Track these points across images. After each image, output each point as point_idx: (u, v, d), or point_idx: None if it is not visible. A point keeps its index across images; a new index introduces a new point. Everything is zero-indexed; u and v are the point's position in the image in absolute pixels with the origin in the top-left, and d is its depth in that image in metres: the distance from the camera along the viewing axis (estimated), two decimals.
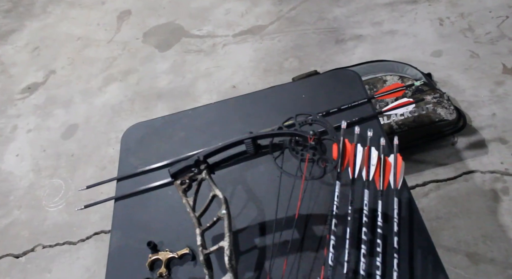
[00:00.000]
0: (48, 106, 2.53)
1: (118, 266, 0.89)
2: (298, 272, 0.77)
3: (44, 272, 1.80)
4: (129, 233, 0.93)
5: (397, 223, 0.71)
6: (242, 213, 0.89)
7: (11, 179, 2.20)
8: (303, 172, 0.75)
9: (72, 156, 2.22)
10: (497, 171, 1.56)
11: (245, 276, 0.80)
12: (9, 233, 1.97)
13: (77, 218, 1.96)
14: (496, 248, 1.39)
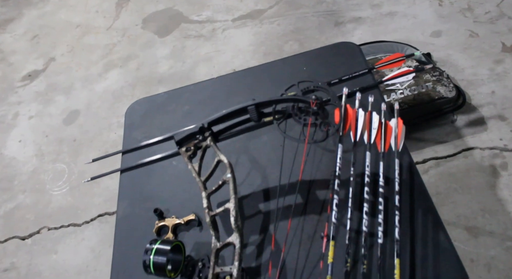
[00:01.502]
0: (49, 93, 2.54)
1: (126, 234, 0.91)
2: (302, 233, 0.79)
3: (50, 253, 1.82)
4: (136, 202, 0.95)
5: (398, 183, 0.73)
6: (246, 181, 0.90)
7: (15, 164, 2.22)
8: (306, 136, 0.76)
9: (74, 141, 2.24)
10: (496, 147, 1.58)
11: (250, 239, 0.82)
12: (15, 216, 1.99)
13: (81, 201, 1.98)
14: (495, 221, 1.42)
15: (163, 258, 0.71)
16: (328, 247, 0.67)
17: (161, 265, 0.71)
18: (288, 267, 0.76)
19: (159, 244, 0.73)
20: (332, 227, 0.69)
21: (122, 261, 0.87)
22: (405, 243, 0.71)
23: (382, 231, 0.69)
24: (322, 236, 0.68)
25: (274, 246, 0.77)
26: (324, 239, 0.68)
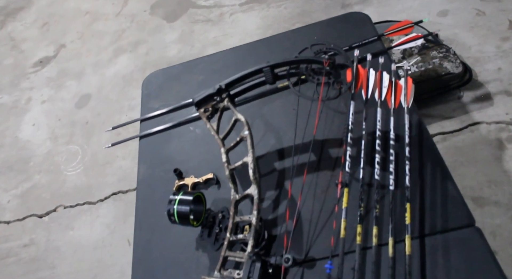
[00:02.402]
0: (61, 79, 2.59)
1: (146, 194, 0.96)
2: (317, 187, 0.83)
3: (67, 229, 1.88)
4: (155, 165, 1.00)
5: (408, 136, 0.77)
6: (261, 142, 0.94)
7: (29, 147, 2.28)
8: (320, 93, 0.80)
9: (87, 124, 2.29)
10: (502, 121, 1.60)
11: (267, 195, 0.86)
12: (31, 195, 2.05)
13: (95, 180, 2.03)
14: (501, 191, 1.45)
15: (186, 207, 0.76)
16: (343, 193, 0.71)
17: (184, 214, 0.76)
18: (304, 217, 0.80)
19: (182, 195, 0.77)
20: (346, 175, 0.73)
21: (144, 217, 0.92)
22: (415, 190, 0.75)
23: (393, 179, 0.73)
24: (336, 183, 0.72)
25: (290, 198, 0.81)
26: (338, 186, 0.72)
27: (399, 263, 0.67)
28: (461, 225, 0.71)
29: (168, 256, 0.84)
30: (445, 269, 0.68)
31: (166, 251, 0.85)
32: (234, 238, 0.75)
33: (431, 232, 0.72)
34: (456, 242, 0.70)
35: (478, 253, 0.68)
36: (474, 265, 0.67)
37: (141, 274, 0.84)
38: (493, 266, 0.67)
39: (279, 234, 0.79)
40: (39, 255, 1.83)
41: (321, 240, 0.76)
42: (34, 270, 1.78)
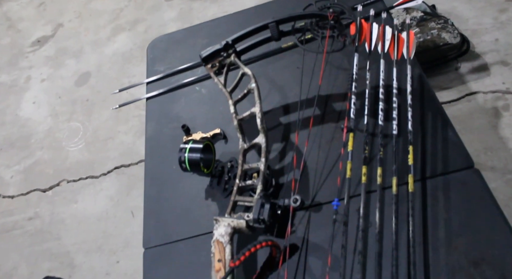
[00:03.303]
0: (59, 57, 2.58)
1: (155, 150, 0.98)
2: (321, 138, 0.86)
3: (70, 203, 1.91)
4: (163, 124, 1.02)
5: (411, 85, 0.79)
6: (267, 99, 0.97)
7: (30, 124, 2.29)
8: (325, 46, 0.83)
9: (87, 101, 2.30)
10: (499, 90, 1.64)
11: (273, 147, 0.89)
12: (34, 171, 2.07)
13: (97, 155, 2.05)
14: (496, 157, 1.49)
15: (196, 155, 0.79)
16: (348, 138, 0.74)
17: (195, 161, 0.78)
18: (310, 165, 0.83)
19: (192, 144, 0.80)
20: (351, 121, 0.76)
21: (154, 172, 0.95)
22: (417, 135, 0.78)
23: (396, 125, 0.76)
24: (342, 128, 0.75)
25: (296, 149, 0.84)
26: (344, 131, 0.74)
27: (402, 203, 0.70)
28: (461, 167, 0.75)
29: (179, 205, 0.87)
30: (446, 207, 0.71)
31: (176, 201, 0.88)
32: (243, 184, 0.78)
33: (432, 174, 0.75)
34: (456, 183, 0.73)
35: (476, 192, 0.72)
36: (473, 203, 0.71)
37: (153, 224, 0.87)
38: (491, 203, 0.70)
39: (286, 182, 0.82)
40: (44, 227, 1.86)
41: (327, 185, 0.79)
42: (40, 242, 1.81)
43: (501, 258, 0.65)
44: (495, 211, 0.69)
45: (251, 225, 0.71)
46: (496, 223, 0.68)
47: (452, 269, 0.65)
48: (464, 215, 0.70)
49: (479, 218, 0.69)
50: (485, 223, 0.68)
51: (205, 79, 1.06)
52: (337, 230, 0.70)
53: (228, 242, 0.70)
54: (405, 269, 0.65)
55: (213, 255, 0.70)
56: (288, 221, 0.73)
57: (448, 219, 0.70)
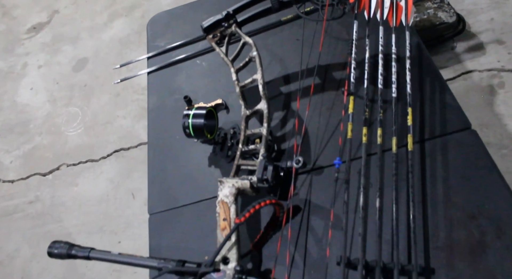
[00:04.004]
0: (56, 44, 2.57)
1: (157, 121, 1.00)
2: (322, 105, 0.88)
3: (71, 186, 1.92)
4: (164, 96, 1.03)
5: (409, 50, 0.81)
6: (267, 70, 0.97)
7: (29, 110, 2.29)
8: (324, 13, 0.84)
9: (85, 86, 2.30)
10: (494, 68, 1.66)
11: (275, 115, 0.90)
12: (34, 156, 2.08)
13: (97, 139, 2.06)
14: (492, 133, 1.52)
15: (200, 120, 0.80)
16: (349, 100, 0.76)
17: (198, 126, 0.80)
18: (311, 131, 0.85)
19: (195, 110, 0.81)
20: (352, 85, 0.77)
21: (157, 141, 0.96)
22: (416, 98, 0.80)
23: (395, 88, 0.77)
24: (343, 91, 0.76)
25: (298, 116, 0.86)
26: (345, 94, 0.76)
27: (401, 163, 0.72)
28: (458, 128, 0.77)
29: (183, 173, 0.89)
30: (444, 166, 0.73)
31: (180, 169, 0.90)
32: (246, 149, 0.80)
33: (430, 136, 0.77)
34: (453, 144, 0.75)
35: (474, 151, 0.74)
36: (470, 161, 0.73)
37: (157, 191, 0.88)
38: (487, 161, 0.72)
39: (288, 148, 0.84)
40: (45, 210, 1.87)
41: (328, 149, 0.81)
42: (41, 224, 1.83)
43: (497, 211, 0.67)
44: (491, 168, 0.71)
45: (254, 186, 0.73)
46: (492, 180, 0.70)
47: (450, 223, 0.68)
48: (462, 173, 0.72)
49: (476, 175, 0.71)
50: (481, 180, 0.71)
51: (206, 52, 1.07)
52: (338, 188, 0.72)
53: (232, 202, 0.72)
54: (405, 222, 0.67)
55: (218, 214, 0.72)
56: (290, 183, 0.75)
57: (446, 177, 0.72)
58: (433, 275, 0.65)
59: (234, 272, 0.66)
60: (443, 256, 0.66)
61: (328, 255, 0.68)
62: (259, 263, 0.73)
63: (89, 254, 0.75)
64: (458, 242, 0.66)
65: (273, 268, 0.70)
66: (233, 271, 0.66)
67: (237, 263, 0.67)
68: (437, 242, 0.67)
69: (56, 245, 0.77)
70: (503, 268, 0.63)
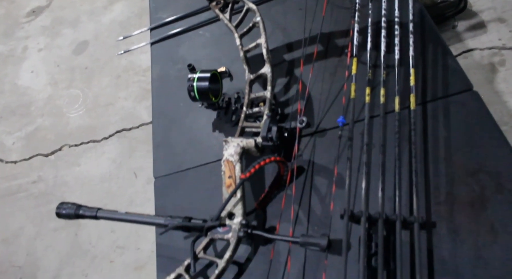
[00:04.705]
0: (56, 27, 2.57)
1: (162, 91, 1.00)
2: (325, 71, 0.88)
3: (73, 166, 1.93)
4: (168, 65, 1.04)
5: (412, 13, 0.82)
6: (270, 39, 0.97)
7: (30, 93, 2.29)
8: None
9: (86, 69, 2.30)
10: (495, 46, 1.66)
11: (278, 82, 0.91)
12: (36, 137, 2.09)
13: (98, 120, 2.07)
14: (492, 110, 1.49)
15: (204, 83, 0.81)
16: (352, 62, 0.76)
17: (203, 89, 0.81)
18: (314, 96, 0.86)
19: (200, 73, 0.82)
20: (355, 47, 0.78)
21: (161, 110, 0.97)
22: (418, 61, 0.80)
23: (398, 50, 0.78)
24: (346, 52, 0.77)
25: (301, 81, 0.87)
26: (348, 55, 0.77)
27: (404, 124, 0.73)
28: (460, 90, 0.77)
29: (187, 138, 0.90)
30: (446, 126, 0.74)
31: (184, 134, 0.91)
32: (250, 112, 0.81)
33: (432, 98, 0.78)
34: (455, 105, 0.76)
35: (475, 112, 0.75)
36: (471, 121, 0.74)
37: (162, 155, 0.89)
38: (488, 121, 0.73)
39: (292, 112, 0.85)
40: (48, 189, 1.88)
41: (331, 112, 0.82)
42: (45, 203, 1.84)
43: (497, 168, 0.68)
44: (492, 127, 0.72)
45: (259, 146, 0.74)
46: (493, 138, 0.71)
47: (451, 179, 0.69)
48: (463, 133, 0.73)
49: (477, 134, 0.72)
50: (482, 138, 0.72)
51: (208, 23, 1.07)
52: (342, 147, 0.73)
53: (237, 161, 0.73)
54: (407, 177, 0.68)
55: (224, 173, 0.73)
56: (294, 143, 0.76)
57: (448, 137, 0.73)
58: (434, 229, 0.66)
59: (239, 226, 0.67)
60: (444, 210, 0.67)
61: (332, 209, 0.69)
62: (264, 221, 0.75)
63: (97, 214, 0.76)
64: (459, 197, 0.67)
65: (278, 224, 0.71)
66: (238, 225, 0.67)
67: (242, 217, 0.68)
68: (438, 197, 0.68)
69: (64, 205, 0.79)
70: (503, 221, 0.64)
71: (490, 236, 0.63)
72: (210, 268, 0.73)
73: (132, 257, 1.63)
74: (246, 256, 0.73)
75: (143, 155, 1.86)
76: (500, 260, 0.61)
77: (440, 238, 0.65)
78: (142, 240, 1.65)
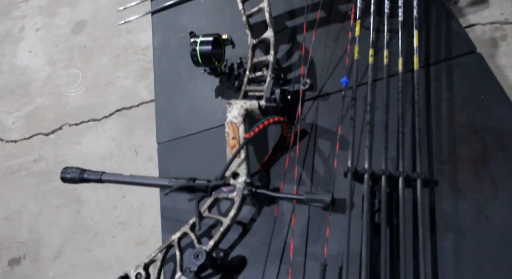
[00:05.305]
0: (53, 6, 2.53)
1: (163, 59, 1.00)
2: (328, 36, 0.88)
3: (74, 145, 1.93)
4: (169, 34, 1.03)
5: None
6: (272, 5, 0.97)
7: (28, 72, 2.27)
8: None
9: (85, 48, 2.28)
10: (497, 21, 1.65)
11: (280, 48, 0.91)
12: (36, 116, 2.08)
13: (98, 99, 2.06)
14: None
15: (207, 47, 0.80)
16: (355, 24, 0.76)
17: (206, 53, 0.80)
18: (317, 61, 0.85)
19: (202, 37, 0.82)
20: (358, 9, 0.78)
21: (163, 78, 0.97)
22: (422, 23, 0.80)
23: (402, 11, 0.77)
24: (349, 13, 0.77)
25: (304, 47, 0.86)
26: (351, 17, 0.76)
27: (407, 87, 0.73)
28: (463, 52, 0.77)
29: (190, 104, 0.90)
30: (448, 88, 0.75)
31: (187, 101, 0.91)
32: (253, 76, 0.81)
33: (436, 60, 0.78)
34: (458, 67, 0.76)
35: (479, 73, 0.75)
36: (475, 82, 0.74)
37: (165, 121, 0.89)
38: (492, 81, 0.74)
39: (295, 77, 0.85)
40: (50, 168, 1.89)
41: (334, 77, 0.82)
42: (46, 181, 1.85)
43: (500, 127, 0.69)
44: (495, 87, 0.72)
45: (262, 108, 0.74)
46: (496, 97, 0.71)
47: (454, 139, 0.69)
48: (466, 93, 0.74)
49: (480, 95, 0.73)
50: (485, 98, 0.72)
51: None
52: (346, 107, 0.74)
53: (241, 122, 0.73)
54: (410, 136, 0.69)
55: (227, 134, 0.73)
56: (297, 107, 0.76)
57: (451, 98, 0.73)
58: (437, 187, 0.67)
59: (244, 185, 0.68)
60: (447, 169, 0.68)
61: (336, 166, 0.69)
62: (268, 182, 0.76)
63: (101, 177, 0.76)
64: (461, 156, 0.68)
65: (281, 185, 0.72)
66: (243, 184, 0.68)
67: (246, 176, 0.69)
68: (440, 156, 0.69)
69: (68, 170, 0.79)
70: (504, 178, 0.65)
71: (491, 192, 0.64)
72: (215, 228, 0.74)
73: (134, 232, 1.64)
74: (250, 216, 0.73)
75: (144, 133, 1.86)
76: (501, 214, 0.62)
77: (442, 195, 0.66)
78: (144, 216, 1.66)
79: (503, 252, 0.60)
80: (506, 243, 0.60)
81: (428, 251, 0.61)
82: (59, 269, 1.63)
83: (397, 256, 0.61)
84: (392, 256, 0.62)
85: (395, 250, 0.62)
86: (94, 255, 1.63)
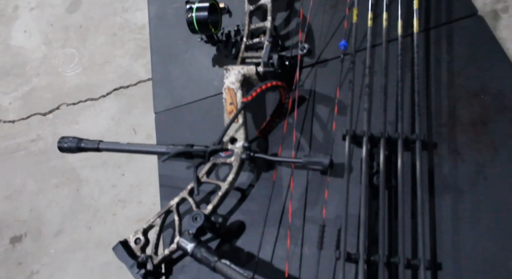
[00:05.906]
0: None
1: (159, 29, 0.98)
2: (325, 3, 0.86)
3: (72, 124, 1.93)
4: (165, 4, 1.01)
5: None
6: None
7: (24, 52, 2.25)
8: None
9: (81, 27, 2.24)
10: None
11: (278, 16, 0.89)
12: (33, 96, 2.07)
13: (96, 78, 2.04)
14: None
15: (204, 13, 0.79)
16: None
17: (203, 20, 0.79)
18: (315, 28, 0.84)
19: (198, 3, 0.80)
20: None
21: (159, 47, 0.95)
22: None
23: None
24: None
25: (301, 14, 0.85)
26: None
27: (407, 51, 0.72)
28: (464, 15, 0.76)
29: (187, 73, 0.89)
30: (448, 51, 0.73)
31: (184, 70, 0.90)
32: (250, 42, 0.79)
33: (436, 24, 0.76)
34: (459, 30, 0.75)
35: (479, 36, 0.74)
36: (475, 45, 0.73)
37: (162, 91, 0.89)
38: (492, 43, 0.72)
39: (292, 44, 0.84)
40: (48, 147, 1.88)
41: (332, 43, 0.81)
42: (45, 161, 1.85)
43: (501, 89, 0.68)
44: (496, 49, 0.71)
45: (260, 73, 0.73)
46: (496, 60, 0.70)
47: (453, 101, 0.69)
48: (467, 57, 0.73)
49: (480, 57, 0.72)
50: (486, 61, 0.71)
51: None
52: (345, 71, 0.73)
53: (239, 88, 0.72)
54: (409, 98, 0.68)
55: (225, 100, 0.72)
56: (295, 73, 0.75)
57: (451, 61, 0.72)
58: (435, 149, 0.66)
59: (242, 149, 0.67)
60: (446, 131, 0.67)
61: (334, 130, 0.69)
62: (266, 148, 0.75)
63: (99, 146, 0.76)
64: (461, 118, 0.68)
65: (279, 150, 0.72)
66: (241, 148, 0.68)
67: (244, 141, 0.68)
68: (440, 119, 0.68)
69: (65, 139, 0.79)
70: (504, 139, 0.64)
71: (490, 153, 0.64)
72: (214, 195, 0.74)
73: (134, 210, 1.65)
74: (249, 182, 0.73)
75: (142, 111, 1.85)
76: (499, 175, 0.62)
77: (441, 157, 0.66)
78: (143, 194, 1.67)
79: (501, 212, 0.60)
80: (504, 203, 0.61)
81: (426, 212, 0.62)
82: (60, 246, 1.64)
83: (395, 218, 0.61)
84: (390, 217, 0.63)
85: (393, 212, 0.63)
86: (94, 232, 1.64)
